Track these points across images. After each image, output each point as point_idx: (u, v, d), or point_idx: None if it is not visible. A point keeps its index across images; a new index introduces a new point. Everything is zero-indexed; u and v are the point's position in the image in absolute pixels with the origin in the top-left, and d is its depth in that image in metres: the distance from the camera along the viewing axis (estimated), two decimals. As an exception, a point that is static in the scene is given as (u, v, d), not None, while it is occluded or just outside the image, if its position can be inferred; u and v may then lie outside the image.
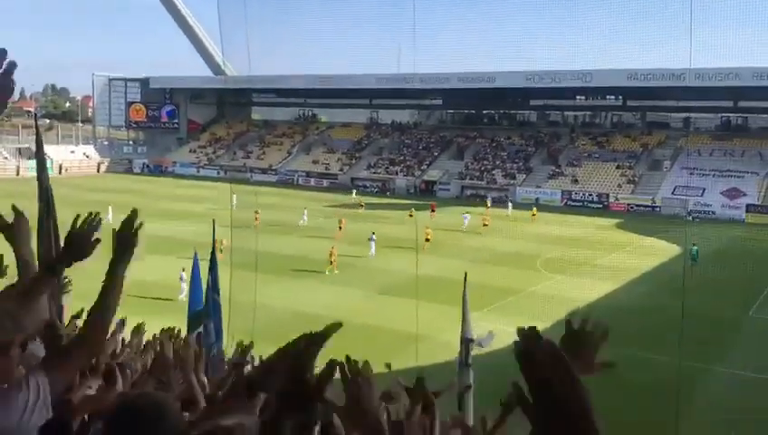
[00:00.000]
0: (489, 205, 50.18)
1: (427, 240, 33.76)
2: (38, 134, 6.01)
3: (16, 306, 2.40)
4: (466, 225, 40.65)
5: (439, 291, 21.60)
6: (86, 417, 2.81)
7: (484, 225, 40.65)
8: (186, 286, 19.04)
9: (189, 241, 15.70)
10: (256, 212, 32.28)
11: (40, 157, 5.59)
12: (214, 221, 10.60)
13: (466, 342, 10.97)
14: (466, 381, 7.99)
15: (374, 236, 32.34)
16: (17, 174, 63.46)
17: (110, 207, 37.63)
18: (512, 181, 61.01)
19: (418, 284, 22.61)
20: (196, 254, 10.85)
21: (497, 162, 64.86)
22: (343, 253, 30.96)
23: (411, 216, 43.87)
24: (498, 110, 75.58)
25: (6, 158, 71.36)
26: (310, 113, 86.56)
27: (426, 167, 67.39)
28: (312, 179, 69.55)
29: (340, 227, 37.11)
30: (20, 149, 71.55)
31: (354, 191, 57.92)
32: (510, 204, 50.89)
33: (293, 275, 27.50)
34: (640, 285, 28.09)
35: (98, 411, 2.61)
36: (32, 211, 5.26)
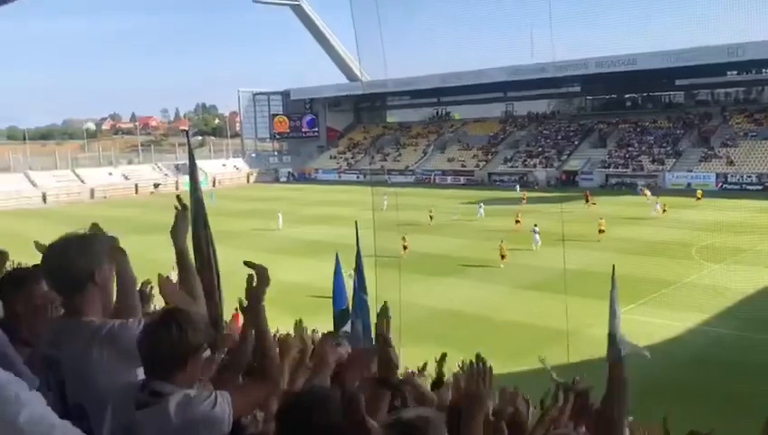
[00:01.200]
0: (648, 193, 46.95)
1: (601, 231, 32.76)
2: (190, 151, 6.48)
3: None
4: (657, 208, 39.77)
5: (588, 284, 20.89)
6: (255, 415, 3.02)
7: (664, 211, 39.40)
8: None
9: (334, 243, 16.28)
10: (404, 239, 31.95)
11: (192, 172, 6.01)
12: (356, 223, 10.90)
13: (613, 338, 10.55)
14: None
15: (537, 228, 31.60)
16: (176, 188, 68.46)
17: (279, 214, 39.59)
18: (660, 167, 57.80)
19: (568, 278, 22.14)
20: (337, 255, 11.22)
21: (643, 148, 61.70)
22: (486, 249, 30.78)
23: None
24: (641, 93, 71.84)
25: (167, 174, 77.34)
26: (444, 112, 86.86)
27: (566, 157, 65.43)
28: (449, 177, 69.64)
29: (518, 221, 36.33)
30: (177, 165, 77.34)
31: (518, 187, 56.91)
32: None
33: (437, 273, 27.63)
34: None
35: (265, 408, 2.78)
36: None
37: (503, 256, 28.70)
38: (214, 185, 75.54)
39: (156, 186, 71.96)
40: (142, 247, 23.59)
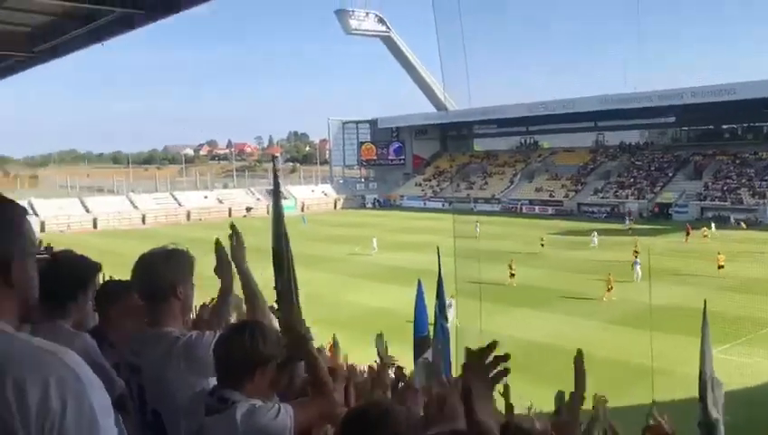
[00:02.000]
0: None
1: (721, 267, 30.96)
2: (276, 178, 6.80)
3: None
4: None
5: (680, 321, 20.09)
6: None
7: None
8: (453, 312, 21.04)
9: (418, 270, 16.40)
10: (510, 266, 31.99)
11: (276, 195, 6.35)
12: (438, 249, 11.00)
13: (705, 378, 10.14)
14: (703, 418, 7.40)
15: (638, 260, 30.59)
16: (267, 212, 70.33)
17: (374, 240, 39.99)
18: (761, 201, 54.91)
19: (658, 314, 21.35)
20: (419, 281, 11.30)
21: (743, 180, 58.84)
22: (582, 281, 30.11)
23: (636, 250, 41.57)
24: (741, 123, 68.67)
25: (258, 199, 79.84)
26: (531, 140, 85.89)
27: (659, 189, 63.21)
28: (537, 207, 68.57)
29: (637, 252, 33.49)
30: (269, 190, 79.67)
31: (627, 219, 54.46)
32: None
33: (521, 304, 27.21)
34: None
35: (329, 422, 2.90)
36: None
37: (609, 289, 27.80)
38: (302, 210, 77.31)
39: (248, 209, 74.29)
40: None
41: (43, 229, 57.59)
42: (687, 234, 43.06)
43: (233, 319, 3.41)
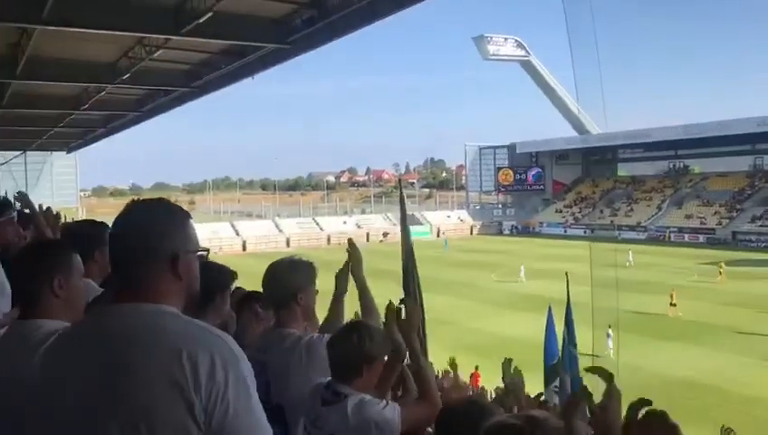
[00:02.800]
0: None
1: None
2: (402, 202, 6.99)
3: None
4: None
5: None
6: None
7: None
8: (611, 343, 22.18)
9: (553, 298, 15.98)
10: (671, 296, 30.68)
11: (404, 222, 6.54)
12: (567, 275, 10.77)
13: None
14: None
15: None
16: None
17: (522, 268, 39.43)
18: None
19: None
20: (550, 308, 11.13)
21: None
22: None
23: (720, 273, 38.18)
24: None
25: (395, 224, 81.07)
26: (681, 165, 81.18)
27: (828, 216, 57.66)
28: (686, 235, 64.53)
29: None
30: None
31: None
32: None
33: (663, 337, 25.73)
34: None
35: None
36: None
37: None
38: (438, 235, 77.67)
39: (385, 235, 75.71)
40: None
41: (197, 251, 61.69)
42: None
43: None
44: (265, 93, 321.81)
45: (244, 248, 69.43)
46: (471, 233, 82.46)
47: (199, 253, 1.88)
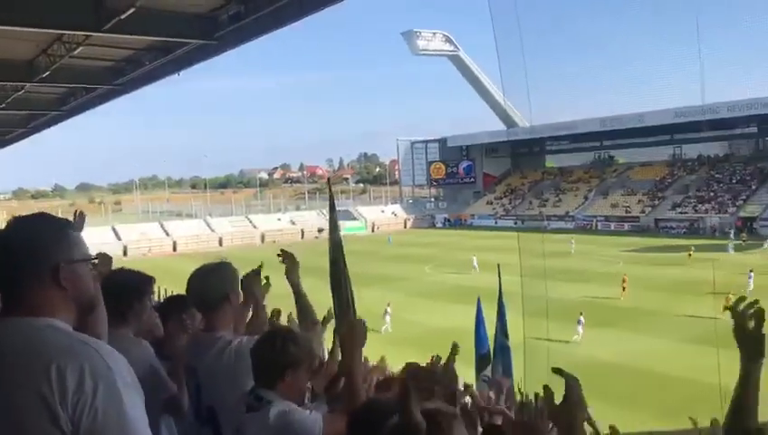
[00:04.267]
0: None
1: None
2: (331, 199, 6.98)
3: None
4: None
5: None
6: None
7: None
8: (581, 329, 24.29)
9: (485, 289, 16.25)
10: (624, 280, 32.04)
11: (332, 215, 6.54)
12: (499, 266, 11.01)
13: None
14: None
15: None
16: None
17: (474, 258, 39.66)
18: None
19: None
20: (479, 299, 11.34)
21: (833, 191, 55.89)
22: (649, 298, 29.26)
23: (690, 255, 40.18)
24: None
25: (328, 220, 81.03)
26: (606, 155, 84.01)
27: (741, 202, 60.66)
28: (612, 224, 66.88)
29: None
30: (339, 211, 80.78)
31: (732, 233, 51.93)
32: None
33: (593, 323, 26.57)
34: None
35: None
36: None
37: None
38: (372, 230, 77.97)
39: (320, 230, 75.34)
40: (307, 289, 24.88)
41: (125, 254, 60.06)
42: None
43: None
44: (193, 89, 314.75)
45: (174, 249, 67.95)
46: (405, 227, 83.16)
47: (88, 260, 1.89)
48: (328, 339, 5.14)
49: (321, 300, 3.88)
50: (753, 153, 69.85)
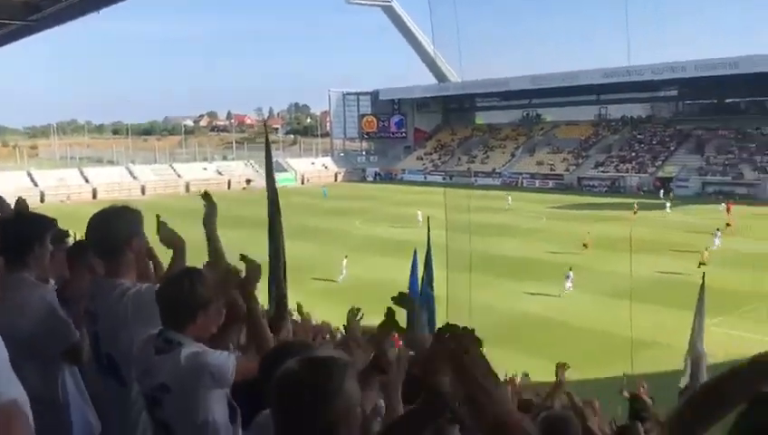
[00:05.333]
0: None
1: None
2: (268, 148, 6.83)
3: None
4: None
5: (678, 294, 20.22)
6: None
7: (727, 224, 36.82)
8: (346, 272, 26.77)
9: (418, 242, 16.40)
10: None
11: (269, 168, 6.40)
12: (428, 219, 11.11)
13: (694, 351, 10.28)
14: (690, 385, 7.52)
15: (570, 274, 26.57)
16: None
17: (419, 213, 39.14)
18: (762, 176, 54.81)
19: (662, 287, 22.63)
20: (415, 251, 11.45)
21: (744, 155, 58.68)
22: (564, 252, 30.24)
23: (635, 212, 41.73)
24: (744, 98, 68.22)
25: (258, 171, 79.67)
26: (534, 114, 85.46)
27: (660, 163, 63.06)
28: (537, 181, 68.44)
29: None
30: (269, 162, 79.54)
31: (662, 192, 53.75)
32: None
33: (514, 277, 27.31)
34: None
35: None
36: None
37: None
38: (303, 183, 77.32)
39: (248, 181, 74.30)
40: (227, 241, 24.51)
41: (42, 200, 57.66)
42: (728, 210, 41.73)
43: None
44: (116, 32, 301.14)
45: (94, 196, 65.51)
46: (336, 180, 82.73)
47: None
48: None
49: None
50: (673, 116, 72.51)
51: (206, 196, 3.78)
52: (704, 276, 11.41)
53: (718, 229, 33.10)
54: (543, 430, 2.97)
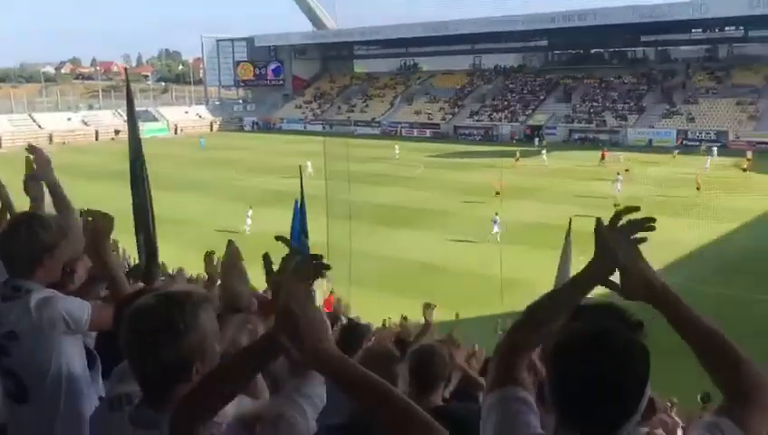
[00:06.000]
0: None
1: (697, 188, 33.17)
2: (129, 92, 6.50)
3: None
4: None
5: (546, 237, 21.36)
6: None
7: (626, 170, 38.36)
8: (251, 222, 26.30)
9: (291, 192, 16.29)
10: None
11: (131, 117, 6.13)
12: (300, 167, 11.09)
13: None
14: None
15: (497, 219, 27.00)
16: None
17: (308, 163, 37.55)
18: (623, 123, 58.49)
19: (531, 230, 23.65)
20: (296, 201, 11.41)
21: (607, 103, 62.25)
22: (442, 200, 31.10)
23: (517, 160, 43.34)
24: (607, 48, 72.05)
25: (125, 121, 75.72)
26: (412, 63, 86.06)
27: (531, 111, 65.68)
28: (416, 130, 69.35)
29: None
30: (138, 112, 75.38)
31: (536, 141, 54.99)
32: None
33: (393, 225, 27.82)
34: (760, 226, 26.49)
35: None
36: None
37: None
38: (176, 132, 74.35)
39: (116, 132, 70.50)
40: (98, 194, 23.36)
41: None
42: (603, 157, 43.93)
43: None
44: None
45: (-57, 149, 60.12)
46: (211, 129, 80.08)
47: None
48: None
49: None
50: (543, 65, 75.44)
51: (31, 148, 3.63)
52: (570, 221, 12.07)
53: (619, 173, 33.77)
54: (413, 363, 3.11)
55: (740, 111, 54.65)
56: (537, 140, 56.51)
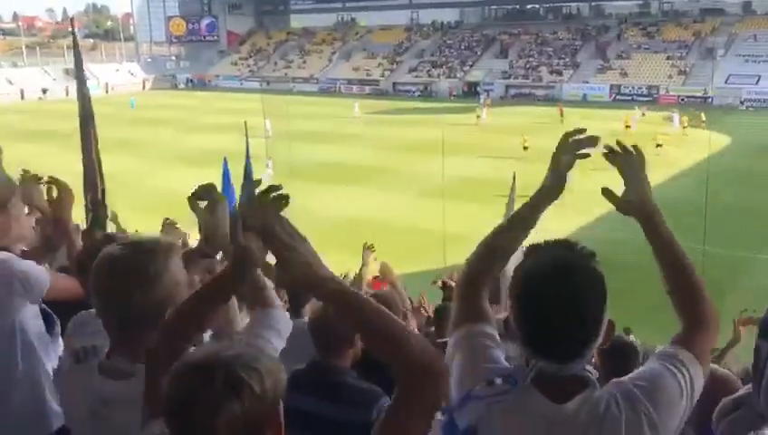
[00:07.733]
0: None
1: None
2: (76, 47, 6.33)
3: None
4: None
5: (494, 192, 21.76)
6: None
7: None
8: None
9: (230, 151, 16.11)
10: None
11: (79, 72, 6.01)
12: (245, 124, 11.04)
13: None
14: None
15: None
16: (66, 94, 64.44)
17: (267, 121, 35.66)
18: (558, 78, 59.46)
19: (473, 186, 24.03)
20: (225, 160, 11.32)
21: (543, 59, 63.07)
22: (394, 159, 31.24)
23: (479, 117, 43.16)
24: (542, 4, 72.66)
25: (55, 79, 72.65)
26: (349, 18, 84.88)
27: (468, 68, 65.98)
28: (354, 87, 68.71)
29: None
30: (67, 69, 72.44)
31: (481, 98, 53.51)
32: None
33: (336, 182, 27.86)
34: (687, 177, 27.57)
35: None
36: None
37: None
38: (107, 91, 71.74)
39: (44, 91, 67.65)
40: (27, 156, 22.55)
41: None
42: (561, 114, 43.04)
43: None
44: None
45: None
46: (144, 87, 77.54)
47: None
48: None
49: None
50: (481, 21, 75.60)
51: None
52: (514, 174, 12.35)
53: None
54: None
55: (670, 66, 56.26)
56: (480, 96, 56.32)
